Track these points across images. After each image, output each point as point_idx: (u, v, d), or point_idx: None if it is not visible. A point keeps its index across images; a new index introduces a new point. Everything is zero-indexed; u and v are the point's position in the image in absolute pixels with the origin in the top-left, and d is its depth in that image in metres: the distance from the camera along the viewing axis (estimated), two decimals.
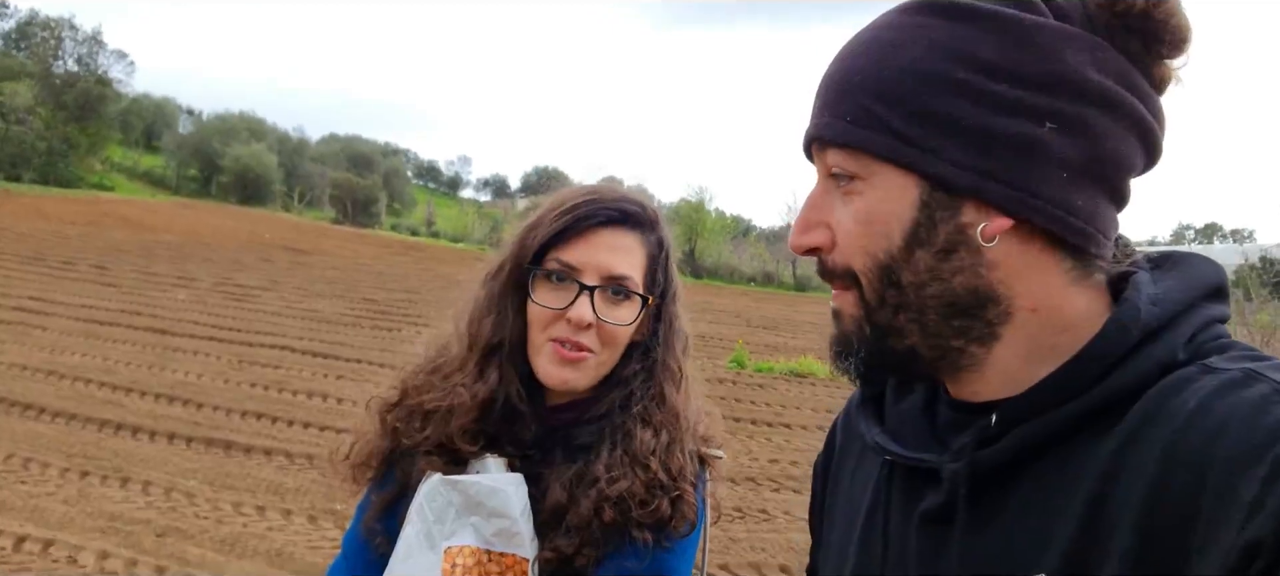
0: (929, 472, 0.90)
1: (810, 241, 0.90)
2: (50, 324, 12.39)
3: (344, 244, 35.10)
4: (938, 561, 0.87)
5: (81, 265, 19.91)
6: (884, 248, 0.85)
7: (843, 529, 1.06)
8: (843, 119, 0.86)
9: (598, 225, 1.44)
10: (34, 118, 44.68)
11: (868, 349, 0.89)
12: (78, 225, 29.44)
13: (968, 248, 0.83)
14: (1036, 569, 0.77)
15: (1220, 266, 0.89)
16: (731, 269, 42.10)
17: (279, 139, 63.77)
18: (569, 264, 1.43)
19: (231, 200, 50.82)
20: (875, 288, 0.86)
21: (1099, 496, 0.75)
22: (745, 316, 23.29)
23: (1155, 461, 0.72)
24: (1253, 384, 0.71)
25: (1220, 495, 0.66)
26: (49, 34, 50.73)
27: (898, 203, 0.84)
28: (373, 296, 19.08)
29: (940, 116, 0.82)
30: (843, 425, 1.17)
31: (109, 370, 9.98)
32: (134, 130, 59.09)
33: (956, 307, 0.84)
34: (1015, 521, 0.81)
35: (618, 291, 1.44)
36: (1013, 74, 0.81)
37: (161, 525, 5.80)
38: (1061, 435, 0.80)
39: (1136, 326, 0.80)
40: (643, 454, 1.42)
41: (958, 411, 0.92)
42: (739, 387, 12.24)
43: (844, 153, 0.86)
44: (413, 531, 1.40)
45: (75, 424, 7.89)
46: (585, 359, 1.43)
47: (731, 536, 6.40)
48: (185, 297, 16.42)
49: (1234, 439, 0.68)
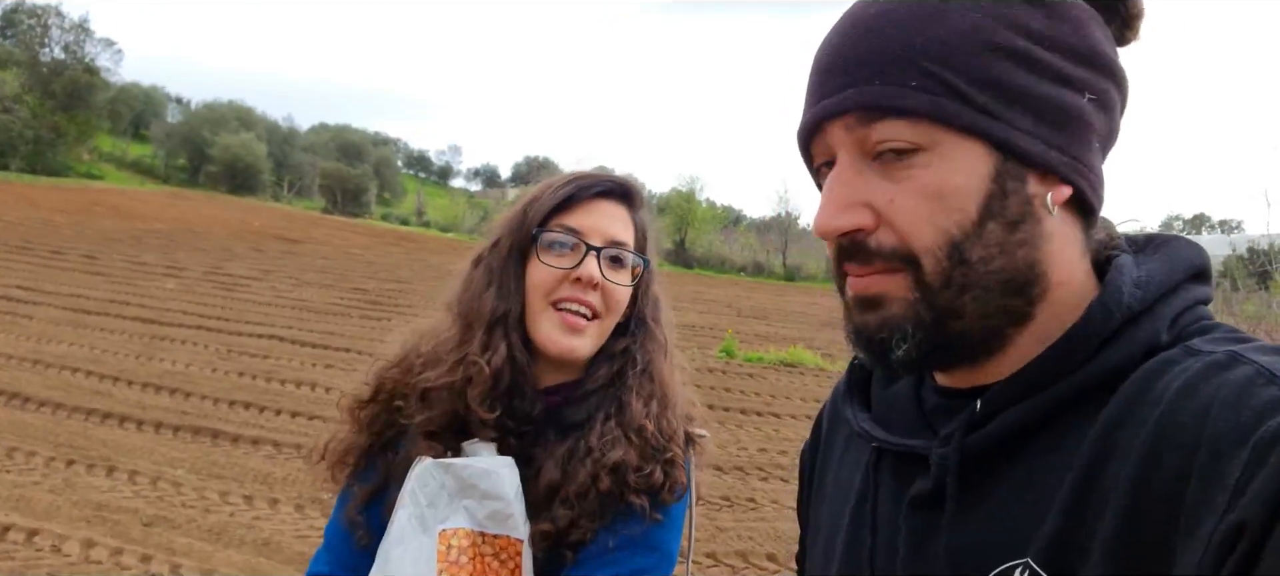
0: (917, 458, 0.90)
1: (853, 221, 0.83)
2: (38, 313, 12.34)
3: (334, 233, 34.99)
4: (927, 546, 0.87)
5: (70, 254, 19.81)
6: (958, 221, 0.80)
7: (831, 516, 1.06)
8: (904, 85, 0.80)
9: (598, 195, 1.52)
10: (21, 106, 44.36)
11: (925, 334, 0.83)
12: (66, 214, 29.29)
13: (1032, 219, 0.83)
14: (1025, 551, 0.78)
15: (1202, 248, 0.89)
16: (722, 259, 42.07)
17: (268, 128, 63.45)
18: (573, 227, 1.48)
19: (221, 189, 50.55)
20: (942, 266, 0.81)
21: (1086, 478, 0.75)
22: (735, 306, 23.29)
23: (1142, 443, 0.72)
24: (1236, 366, 0.71)
25: (1205, 477, 0.67)
26: (36, 22, 50.36)
27: (971, 173, 0.81)
28: (363, 286, 19.03)
29: (1004, 83, 0.81)
30: (829, 412, 1.17)
31: (97, 359, 9.95)
32: (122, 119, 58.61)
33: (1013, 284, 0.83)
34: (1004, 505, 0.81)
35: (617, 258, 1.50)
36: (1058, 44, 0.83)
37: (148, 514, 5.79)
38: (1048, 418, 0.81)
39: (1121, 309, 0.81)
40: (636, 422, 1.46)
41: (944, 397, 0.92)
42: (728, 377, 12.25)
43: (904, 122, 0.81)
44: (405, 515, 1.40)
45: (62, 413, 7.87)
46: (587, 326, 1.47)
47: (718, 525, 6.41)
48: (174, 287, 16.35)
49: (1218, 421, 0.68)
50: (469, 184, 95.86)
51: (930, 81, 0.80)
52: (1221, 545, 0.64)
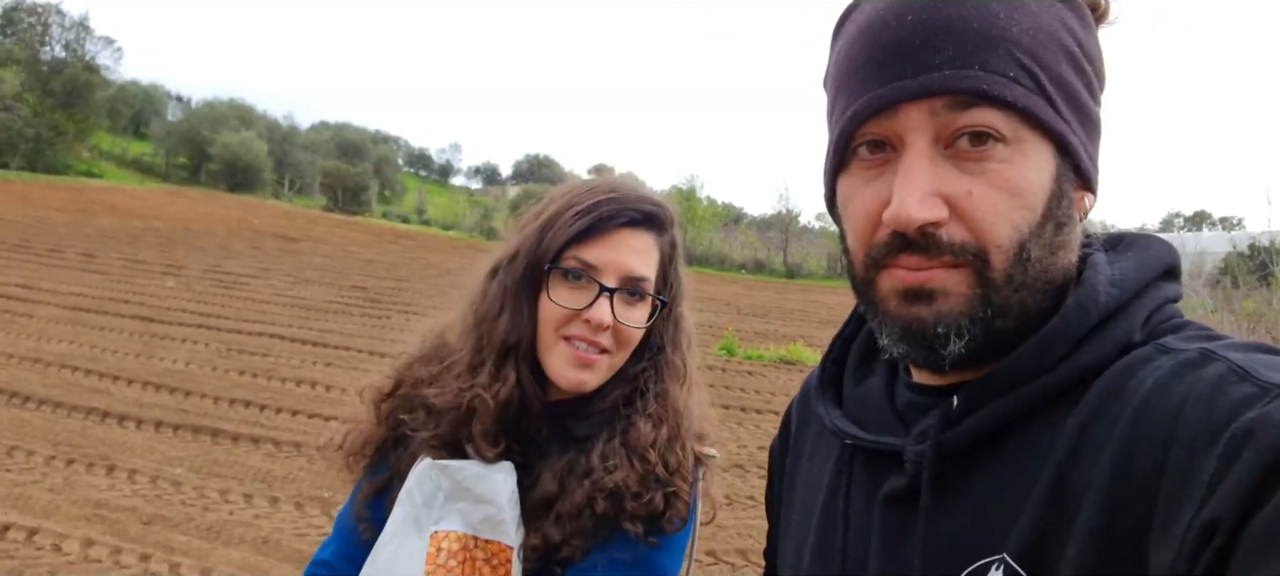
0: (891, 455, 0.89)
1: (935, 213, 0.79)
2: (37, 311, 12.33)
3: (333, 231, 34.99)
4: (901, 543, 0.87)
5: (69, 252, 19.80)
6: (1029, 220, 0.79)
7: (802, 512, 1.05)
8: (1004, 75, 0.78)
9: (620, 226, 1.42)
10: (21, 104, 44.32)
11: (982, 331, 0.81)
12: (65, 212, 29.28)
13: (1072, 223, 0.84)
14: (1001, 547, 0.78)
15: (1173, 247, 0.89)
16: (722, 256, 42.10)
17: (269, 126, 63.45)
18: (589, 263, 1.40)
19: (221, 188, 50.54)
20: (1009, 264, 0.80)
21: (1062, 474, 0.75)
22: (735, 304, 23.30)
23: (1117, 439, 0.72)
24: (1208, 363, 0.72)
25: (1179, 474, 0.67)
26: (36, 20, 50.34)
27: (1042, 173, 0.80)
28: (362, 284, 19.02)
29: (1069, 86, 0.82)
30: (798, 407, 1.17)
31: (95, 358, 9.94)
32: (122, 117, 58.64)
33: (1052, 287, 0.83)
34: (979, 502, 0.81)
35: (634, 292, 1.43)
36: (1090, 52, 0.85)
37: (147, 513, 5.79)
38: (1023, 415, 0.81)
39: (1097, 308, 0.81)
40: (641, 446, 1.40)
41: (919, 394, 0.92)
42: (728, 375, 12.25)
43: (1000, 113, 0.79)
44: (401, 514, 1.39)
45: (61, 411, 7.87)
46: (599, 360, 1.41)
47: (718, 523, 6.41)
48: (173, 285, 16.35)
49: (1192, 418, 0.68)
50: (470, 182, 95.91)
51: (1025, 75, 0.79)
52: (1195, 541, 0.64)
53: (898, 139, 0.82)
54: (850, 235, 0.88)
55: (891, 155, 0.83)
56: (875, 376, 0.99)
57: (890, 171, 0.83)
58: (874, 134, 0.83)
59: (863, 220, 0.85)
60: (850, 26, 0.88)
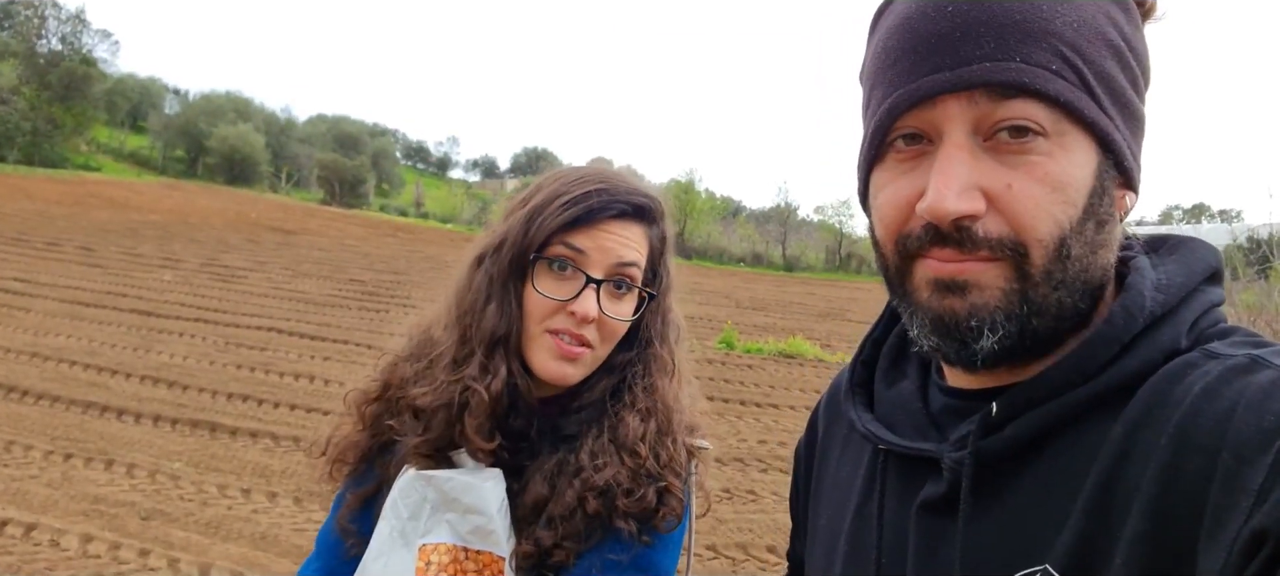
0: (926, 461, 0.87)
1: (972, 206, 0.77)
2: (34, 305, 12.30)
3: (331, 224, 34.96)
4: (939, 551, 0.85)
5: (66, 246, 19.76)
6: (1070, 216, 0.77)
7: (831, 516, 1.03)
8: (1046, 67, 0.76)
9: (609, 217, 1.38)
10: (18, 98, 44.28)
11: (1017, 326, 0.79)
12: (63, 206, 29.23)
13: (1113, 222, 0.82)
14: (1043, 557, 0.76)
15: (1217, 250, 0.87)
16: (721, 249, 42.12)
17: (266, 119, 63.50)
18: (578, 248, 1.36)
19: (218, 181, 50.60)
20: (1048, 259, 0.77)
21: (1108, 482, 0.74)
22: (734, 297, 23.29)
23: (1165, 447, 0.70)
24: (1258, 370, 0.70)
25: (1228, 482, 0.65)
26: (32, 13, 50.26)
27: (1083, 168, 0.78)
28: (360, 277, 18.99)
29: (1113, 82, 0.80)
30: (826, 409, 1.15)
31: (93, 352, 9.92)
32: (119, 110, 58.64)
33: (1090, 286, 0.81)
34: (1020, 510, 0.79)
35: (620, 284, 1.39)
36: (1136, 48, 0.83)
37: (146, 508, 5.77)
38: (1066, 422, 0.79)
39: (1143, 313, 0.79)
40: (630, 441, 1.36)
41: (954, 398, 0.90)
42: (728, 368, 12.24)
43: (1042, 106, 0.77)
44: (387, 528, 1.35)
45: (59, 406, 7.84)
46: (582, 354, 1.37)
47: (719, 517, 6.40)
48: (171, 278, 16.32)
49: (1242, 425, 0.67)
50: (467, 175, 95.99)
51: (1068, 68, 0.77)
52: (1243, 551, 0.63)
53: (935, 131, 0.80)
54: (879, 226, 0.86)
55: (928, 148, 0.81)
56: (907, 379, 0.97)
57: (926, 164, 0.81)
58: (911, 126, 0.82)
59: (894, 210, 0.83)
60: (888, 19, 0.86)
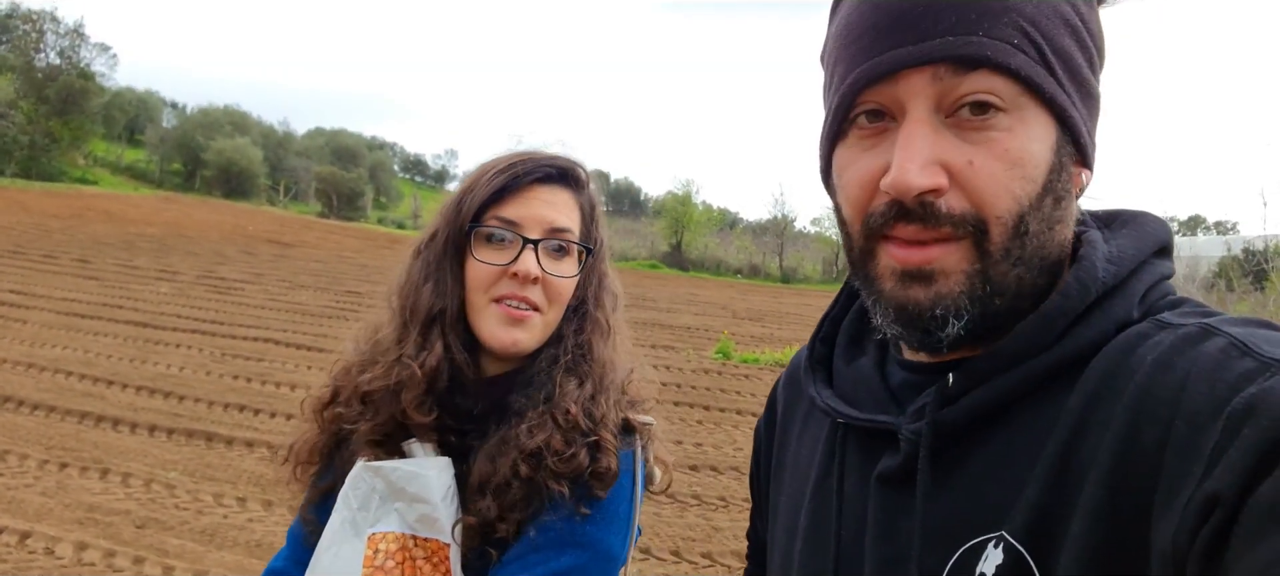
0: (885, 434, 0.88)
1: (935, 180, 0.77)
2: (31, 317, 12.28)
3: (328, 237, 34.94)
4: (897, 523, 0.86)
5: (63, 258, 19.73)
6: (1029, 192, 0.78)
7: (792, 492, 1.04)
8: (1006, 42, 0.77)
9: (535, 182, 1.43)
10: (16, 112, 44.28)
11: (979, 309, 0.80)
12: (60, 218, 29.20)
13: (1069, 198, 0.83)
14: (1000, 525, 0.77)
15: (1166, 223, 0.89)
16: (718, 261, 42.09)
17: (264, 133, 63.48)
18: (510, 219, 1.40)
19: (216, 194, 50.56)
20: (1006, 236, 0.78)
21: (1064, 451, 0.75)
22: (731, 308, 23.27)
23: (1120, 415, 0.71)
24: (1209, 337, 0.71)
25: (1182, 448, 0.66)
26: (31, 27, 50.23)
27: (1042, 143, 0.79)
28: (357, 289, 18.97)
29: (1068, 57, 0.81)
30: (785, 387, 1.15)
31: (89, 362, 9.90)
32: (117, 124, 58.55)
33: (1048, 263, 0.82)
34: (977, 480, 0.80)
35: (558, 247, 1.43)
36: (1092, 28, 0.84)
37: (141, 516, 5.76)
38: (1022, 393, 0.80)
39: (1096, 284, 0.81)
40: (564, 404, 1.37)
41: (912, 372, 0.91)
42: (724, 378, 12.23)
43: (1004, 80, 0.77)
44: (338, 519, 1.37)
45: (55, 416, 7.83)
46: (531, 317, 1.40)
47: (714, 525, 6.40)
48: (167, 290, 16.30)
49: (1194, 393, 0.68)
50: None
51: (1027, 43, 0.78)
52: (1196, 514, 0.64)
53: (898, 107, 0.81)
54: (845, 205, 0.86)
55: (891, 124, 0.82)
56: (866, 355, 0.98)
57: (889, 140, 0.81)
58: (874, 102, 0.82)
59: (859, 188, 0.84)
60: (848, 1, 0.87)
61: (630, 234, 48.80)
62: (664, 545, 5.99)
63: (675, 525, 6.37)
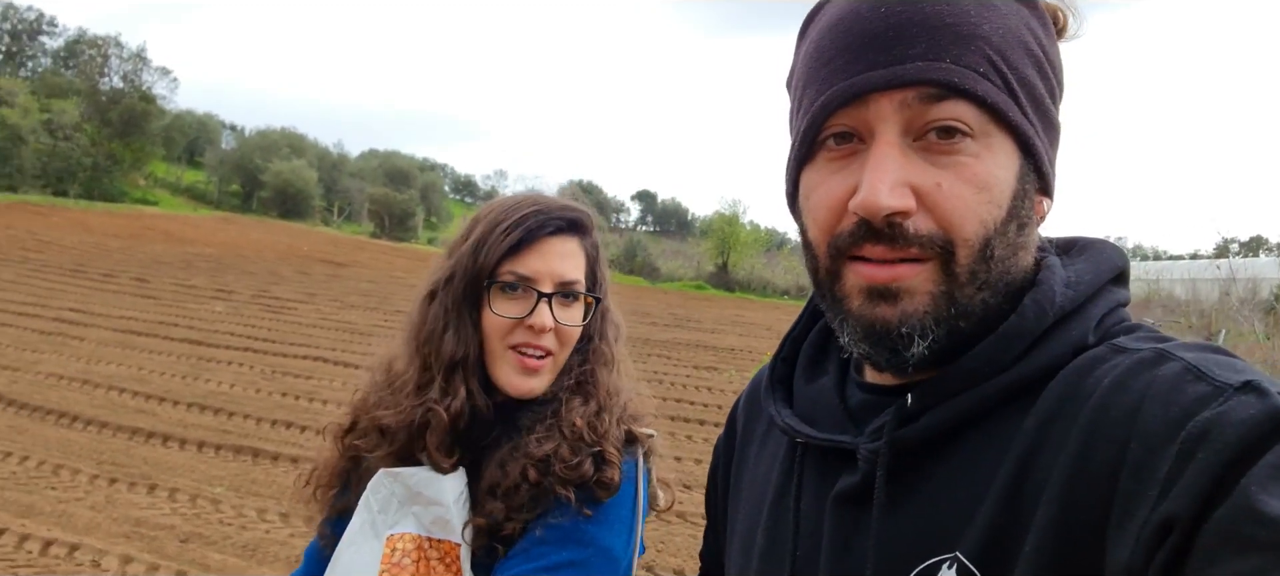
0: (843, 454, 0.89)
1: (903, 202, 0.78)
2: (88, 334, 12.61)
3: (378, 257, 35.42)
4: (853, 542, 0.86)
5: (122, 277, 20.24)
6: (995, 216, 0.80)
7: (749, 511, 1.05)
8: (973, 69, 0.79)
9: (547, 235, 1.52)
10: (80, 134, 45.58)
11: (945, 330, 0.81)
12: (120, 238, 29.97)
13: (1032, 225, 0.85)
14: (954, 546, 0.78)
15: (1123, 251, 0.90)
16: (764, 282, 41.86)
17: (319, 154, 64.66)
18: (525, 275, 1.49)
19: (272, 215, 51.50)
20: (973, 259, 0.80)
21: (1019, 471, 0.75)
22: (776, 330, 23.11)
23: (1075, 437, 0.72)
24: (1164, 362, 0.72)
25: (1136, 471, 0.67)
26: (96, 52, 51.85)
27: (1007, 170, 0.81)
28: (405, 308, 19.09)
29: (1034, 88, 0.83)
30: (745, 405, 1.16)
31: (143, 380, 10.13)
32: (177, 146, 60.05)
33: (1011, 288, 0.83)
34: (933, 500, 0.81)
35: (568, 294, 1.52)
36: (1053, 58, 0.86)
37: (185, 531, 5.87)
38: (978, 414, 0.81)
39: (1053, 308, 0.81)
40: (570, 419, 1.47)
41: (871, 393, 0.92)
42: None
43: (972, 107, 0.79)
44: (358, 522, 1.46)
45: (107, 432, 8.02)
46: (544, 365, 1.51)
47: None
48: (222, 309, 16.64)
49: (1149, 416, 0.68)
50: None
51: (994, 72, 0.79)
52: (1151, 537, 0.64)
53: (867, 130, 0.82)
54: (811, 227, 0.87)
55: (859, 147, 0.83)
56: (826, 375, 0.99)
57: (858, 162, 0.82)
58: (843, 125, 0.83)
59: (826, 210, 0.85)
60: (820, 22, 0.88)
61: (676, 255, 48.77)
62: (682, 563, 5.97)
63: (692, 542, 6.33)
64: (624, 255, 44.47)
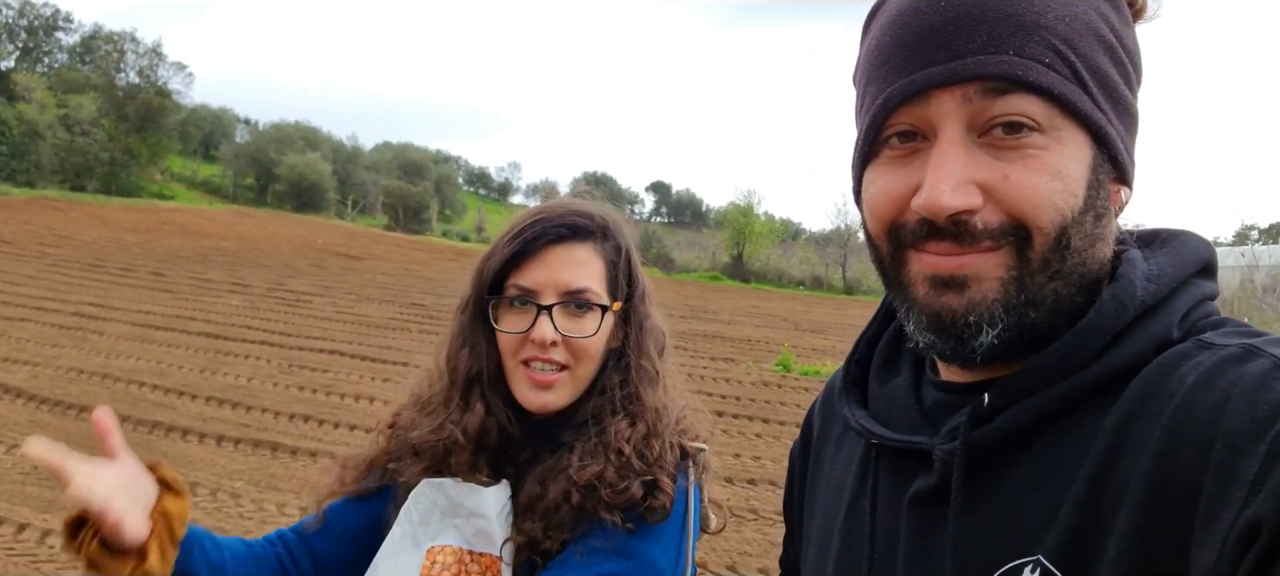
0: (919, 455, 0.87)
1: (968, 201, 0.76)
2: (107, 329, 12.69)
3: (394, 250, 35.57)
4: (929, 544, 0.84)
5: (139, 272, 20.39)
6: (1072, 205, 0.77)
7: (826, 514, 1.03)
8: (1039, 61, 0.76)
9: (549, 243, 1.44)
10: (97, 129, 45.90)
11: (1015, 318, 0.78)
12: (137, 233, 30.18)
13: (1109, 216, 0.82)
14: (1035, 548, 0.76)
15: (1209, 243, 0.87)
16: (780, 272, 41.87)
17: (334, 148, 65.01)
18: (524, 287, 1.44)
19: (287, 208, 51.76)
20: (1048, 246, 0.77)
21: (1101, 473, 0.73)
22: (793, 320, 23.12)
23: (1158, 437, 0.70)
24: (1253, 359, 0.69)
25: (1222, 472, 0.64)
26: (112, 48, 52.17)
27: (1078, 161, 0.78)
28: (421, 301, 19.26)
29: (1107, 77, 0.80)
30: (820, 409, 1.14)
31: (162, 373, 10.19)
32: (192, 140, 60.46)
33: (1087, 281, 0.81)
34: (1012, 501, 0.79)
35: (580, 305, 1.44)
36: (1128, 44, 0.83)
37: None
38: (1057, 413, 0.78)
39: (1134, 303, 0.79)
40: (617, 442, 1.40)
41: (946, 392, 0.90)
42: (784, 391, 12.15)
43: (1037, 100, 0.76)
44: (399, 532, 1.43)
45: (127, 426, 8.05)
46: (558, 379, 1.44)
47: (772, 540, 6.33)
48: (239, 303, 16.72)
49: (1235, 415, 0.66)
50: (528, 200, 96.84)
51: (1061, 62, 0.77)
52: (1238, 541, 0.62)
53: (929, 127, 0.80)
54: (871, 221, 0.86)
55: (922, 144, 0.81)
56: (900, 376, 0.97)
57: (921, 160, 0.80)
58: (905, 123, 0.81)
59: (885, 203, 0.83)
60: (881, 18, 0.86)
61: (692, 246, 48.83)
62: (720, 560, 5.95)
63: (732, 540, 6.32)
64: (639, 246, 44.48)
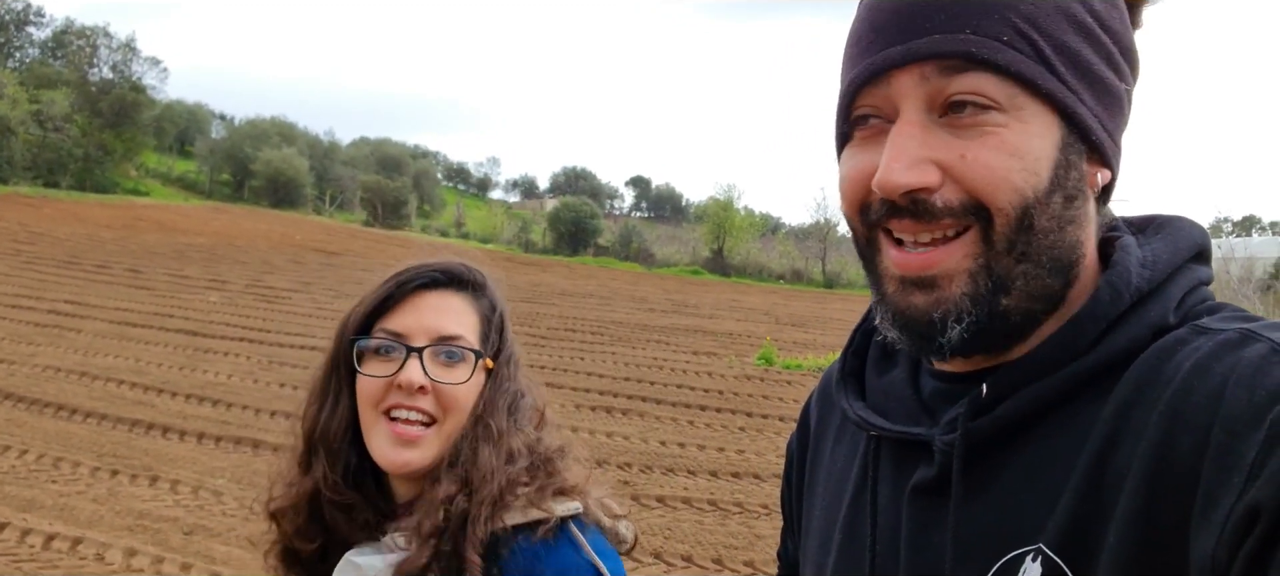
0: (918, 445, 0.87)
1: (922, 178, 0.77)
2: (84, 326, 12.57)
3: (373, 245, 35.35)
4: (931, 535, 0.84)
5: (116, 269, 20.18)
6: (1033, 184, 0.77)
7: (825, 508, 1.03)
8: (997, 38, 0.76)
9: (421, 287, 1.38)
10: (70, 125, 45.31)
11: (980, 311, 0.78)
12: (113, 230, 29.86)
13: (1083, 198, 0.82)
14: (1036, 537, 0.76)
15: (1204, 229, 0.87)
16: (760, 266, 41.92)
17: (310, 143, 64.34)
18: (395, 331, 1.34)
19: (263, 204, 51.26)
20: (1011, 226, 0.77)
21: (1099, 460, 0.73)
22: (774, 314, 23.18)
23: (1156, 423, 0.70)
24: (1250, 343, 0.69)
25: (1220, 457, 0.65)
26: (84, 42, 51.42)
27: (1044, 140, 0.78)
28: None
29: (1078, 56, 0.80)
30: (818, 401, 1.14)
31: (140, 371, 10.11)
32: (167, 136, 59.64)
33: (1060, 264, 0.80)
34: (1011, 490, 0.79)
35: (451, 354, 1.35)
36: (1111, 29, 0.82)
37: (189, 523, 5.85)
38: (1055, 401, 0.79)
39: (1129, 290, 0.79)
40: (433, 508, 1.29)
41: (944, 382, 0.90)
42: (767, 384, 12.19)
43: (995, 78, 0.76)
44: None
45: (106, 424, 8.00)
46: (424, 435, 1.32)
47: (757, 533, 6.37)
48: (217, 300, 16.60)
49: (1233, 400, 0.66)
50: (507, 195, 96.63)
51: (1021, 39, 0.77)
52: (1237, 527, 0.62)
53: (891, 108, 0.81)
54: (843, 201, 0.87)
55: (886, 126, 0.81)
56: (898, 367, 0.97)
57: (884, 140, 0.81)
58: (869, 105, 0.82)
59: (851, 185, 0.84)
60: (860, 3, 0.87)
61: (672, 240, 48.80)
62: (706, 554, 5.97)
63: (718, 533, 6.34)
64: (619, 241, 44.49)
